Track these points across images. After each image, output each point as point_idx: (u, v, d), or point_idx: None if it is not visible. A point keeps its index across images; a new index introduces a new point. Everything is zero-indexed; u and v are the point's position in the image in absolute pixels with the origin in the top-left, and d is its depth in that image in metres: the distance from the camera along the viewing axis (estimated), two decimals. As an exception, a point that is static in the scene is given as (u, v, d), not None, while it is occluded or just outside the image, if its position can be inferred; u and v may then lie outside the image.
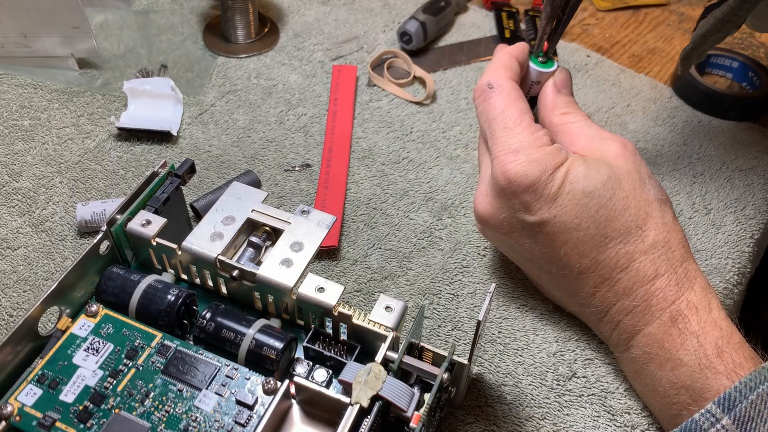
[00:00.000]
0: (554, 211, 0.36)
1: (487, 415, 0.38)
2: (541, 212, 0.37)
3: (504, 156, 0.37)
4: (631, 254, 0.36)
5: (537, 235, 0.38)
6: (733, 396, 0.31)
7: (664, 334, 0.35)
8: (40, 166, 0.50)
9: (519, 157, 0.37)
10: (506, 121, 0.38)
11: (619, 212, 0.37)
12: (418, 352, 0.35)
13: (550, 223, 0.37)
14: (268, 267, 0.35)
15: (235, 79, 0.58)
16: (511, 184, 0.37)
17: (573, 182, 0.36)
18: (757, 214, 0.49)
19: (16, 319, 0.41)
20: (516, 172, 0.36)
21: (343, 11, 0.66)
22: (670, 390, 0.35)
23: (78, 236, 0.46)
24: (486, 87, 0.39)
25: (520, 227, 0.38)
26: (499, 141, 0.38)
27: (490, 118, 0.39)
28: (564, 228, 0.37)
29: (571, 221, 0.36)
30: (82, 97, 0.56)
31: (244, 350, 0.34)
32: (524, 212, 0.37)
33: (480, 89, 0.40)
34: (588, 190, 0.36)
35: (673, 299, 0.36)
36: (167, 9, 0.65)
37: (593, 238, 0.36)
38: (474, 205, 0.40)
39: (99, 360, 0.34)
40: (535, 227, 0.37)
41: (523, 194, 0.37)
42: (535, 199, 0.36)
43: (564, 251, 0.37)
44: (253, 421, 0.32)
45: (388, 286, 0.44)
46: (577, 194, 0.36)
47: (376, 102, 0.57)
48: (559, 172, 0.36)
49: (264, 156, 0.52)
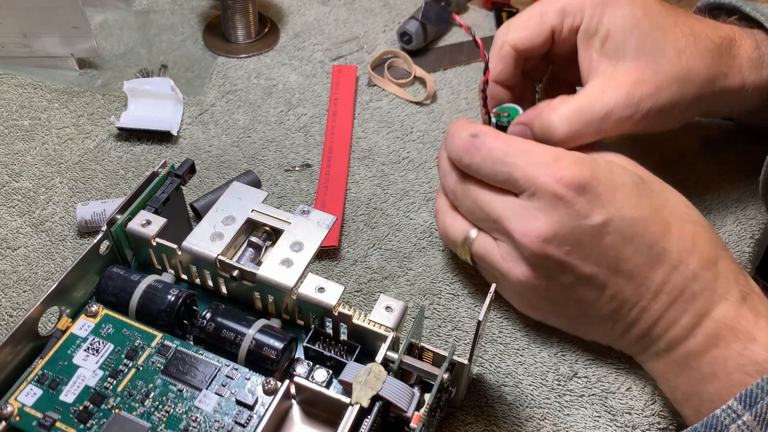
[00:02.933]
0: (616, 205, 0.35)
1: (487, 415, 0.38)
2: (604, 210, 0.35)
3: (548, 168, 0.35)
4: (693, 236, 0.36)
5: (603, 239, 0.36)
6: (755, 393, 0.31)
7: (735, 313, 0.35)
8: (40, 166, 0.50)
9: (563, 162, 0.36)
10: (520, 147, 0.37)
11: (666, 197, 0.37)
12: (419, 352, 0.35)
13: (614, 220, 0.35)
14: (268, 267, 0.35)
15: (235, 79, 0.58)
16: (569, 187, 0.35)
17: (620, 175, 0.36)
18: (757, 214, 0.49)
19: (16, 319, 0.41)
20: (571, 174, 0.35)
21: (343, 11, 0.66)
22: (736, 372, 0.34)
23: (78, 236, 0.46)
24: (471, 138, 0.38)
25: (587, 237, 0.35)
26: (529, 163, 0.36)
27: (500, 156, 0.37)
28: (630, 222, 0.35)
29: (635, 213, 0.36)
30: (82, 97, 0.56)
31: (244, 350, 0.34)
32: (587, 216, 0.35)
33: (465, 144, 0.38)
34: (636, 180, 0.36)
35: (736, 278, 0.36)
36: (167, 9, 0.65)
37: (657, 225, 0.36)
38: (523, 242, 0.36)
39: (99, 360, 0.34)
40: (602, 230, 0.35)
41: (583, 195, 0.35)
42: (595, 197, 0.35)
43: (634, 248, 0.36)
44: (253, 421, 0.32)
45: (388, 286, 0.44)
46: (628, 186, 0.36)
47: (376, 102, 0.57)
48: (604, 169, 0.36)
49: (264, 156, 0.52)
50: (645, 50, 0.41)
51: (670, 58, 0.42)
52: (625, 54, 0.41)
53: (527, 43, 0.44)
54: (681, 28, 0.43)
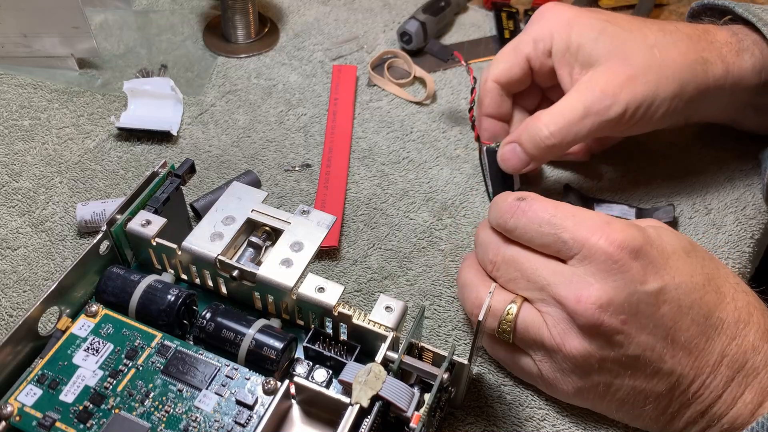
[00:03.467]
0: (670, 272, 0.34)
1: (487, 415, 0.38)
2: (659, 277, 0.34)
3: (599, 230, 0.34)
4: (747, 306, 0.35)
5: (659, 308, 0.34)
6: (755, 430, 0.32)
7: None
8: (40, 166, 0.50)
9: (615, 226, 0.34)
10: (568, 211, 0.35)
11: (716, 265, 0.36)
12: (418, 352, 0.35)
13: (670, 287, 0.34)
14: (268, 267, 0.35)
15: (235, 79, 0.58)
16: (623, 251, 0.33)
17: (670, 241, 0.35)
18: (757, 214, 0.49)
19: (16, 319, 0.41)
20: (624, 237, 0.33)
21: (343, 11, 0.66)
22: None
23: (78, 236, 0.46)
24: (517, 201, 0.37)
25: (644, 305, 0.33)
26: (578, 225, 0.35)
27: (547, 218, 0.35)
28: (685, 291, 0.34)
29: (689, 281, 0.34)
30: (82, 97, 0.56)
31: (244, 350, 0.34)
32: (643, 283, 0.33)
33: (511, 207, 0.37)
34: (687, 247, 0.35)
35: None
36: (167, 9, 0.65)
37: (711, 295, 0.34)
38: (578, 310, 0.34)
39: (99, 360, 0.34)
40: (658, 298, 0.34)
41: (637, 260, 0.33)
42: (649, 262, 0.34)
43: (690, 317, 0.34)
44: (253, 421, 0.32)
45: (388, 286, 0.44)
46: (679, 252, 0.35)
47: (376, 102, 0.57)
48: (654, 235, 0.35)
49: (264, 156, 0.52)
50: (615, 51, 0.43)
51: (642, 53, 0.43)
52: (598, 59, 0.43)
53: (507, 74, 0.47)
54: (649, 27, 0.44)
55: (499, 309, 0.36)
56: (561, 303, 0.34)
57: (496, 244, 0.38)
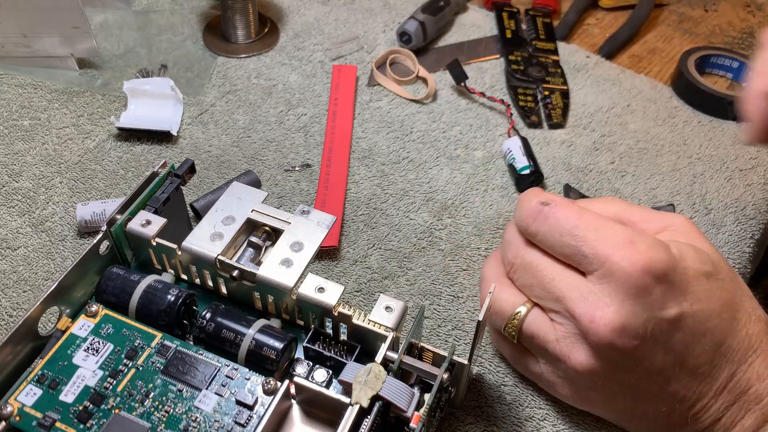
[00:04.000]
0: (689, 299, 0.33)
1: (487, 415, 0.38)
2: (678, 304, 0.32)
3: (622, 250, 0.32)
4: (758, 335, 0.34)
5: (674, 335, 0.33)
6: None
7: None
8: (40, 166, 0.50)
9: (639, 246, 0.32)
10: (592, 222, 0.34)
11: (734, 287, 0.34)
12: (418, 352, 0.35)
13: (687, 315, 0.33)
14: (268, 267, 0.35)
15: (235, 79, 0.58)
16: (645, 275, 0.32)
17: (692, 263, 0.33)
18: (757, 214, 0.49)
19: (16, 319, 0.41)
20: (647, 260, 0.32)
21: (343, 11, 0.66)
22: None
23: (78, 236, 0.46)
24: (540, 206, 0.35)
25: (659, 331, 0.33)
26: (600, 240, 0.33)
27: (569, 228, 0.34)
28: (701, 319, 0.33)
29: (706, 308, 0.33)
30: (82, 97, 0.56)
31: (244, 350, 0.34)
32: (662, 309, 0.32)
33: (534, 211, 0.35)
34: (708, 270, 0.34)
35: None
36: (167, 9, 0.65)
37: (725, 322, 0.34)
38: (591, 329, 0.33)
39: (99, 360, 0.34)
40: (675, 324, 0.33)
41: (658, 285, 0.32)
42: (670, 287, 0.32)
43: (702, 345, 0.33)
44: (253, 421, 0.32)
45: (388, 286, 0.44)
46: (700, 277, 0.33)
47: (376, 102, 0.57)
48: (677, 256, 0.33)
49: (264, 156, 0.52)
50: None
51: None
52: None
53: None
54: None
55: (508, 310, 0.36)
56: (575, 318, 0.33)
57: (517, 245, 0.37)
